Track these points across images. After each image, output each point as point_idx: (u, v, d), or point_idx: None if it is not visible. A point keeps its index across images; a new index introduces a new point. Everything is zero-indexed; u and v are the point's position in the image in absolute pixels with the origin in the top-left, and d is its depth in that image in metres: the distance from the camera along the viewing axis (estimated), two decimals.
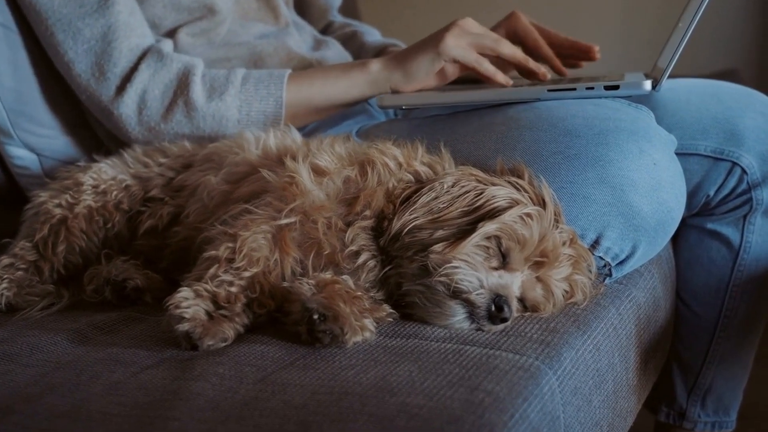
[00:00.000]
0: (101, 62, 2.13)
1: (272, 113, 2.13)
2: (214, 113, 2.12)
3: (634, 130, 1.82)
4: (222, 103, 2.11)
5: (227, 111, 2.12)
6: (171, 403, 1.36)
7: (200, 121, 2.13)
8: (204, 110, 2.11)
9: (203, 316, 1.53)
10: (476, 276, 1.58)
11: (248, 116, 2.13)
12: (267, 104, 2.13)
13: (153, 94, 2.13)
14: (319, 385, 1.37)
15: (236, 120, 2.13)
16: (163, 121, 2.13)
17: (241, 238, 1.60)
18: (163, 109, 2.13)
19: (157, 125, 2.14)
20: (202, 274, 1.59)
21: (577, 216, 1.76)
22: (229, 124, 2.12)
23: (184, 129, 2.14)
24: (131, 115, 2.14)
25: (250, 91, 2.13)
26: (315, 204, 1.65)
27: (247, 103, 2.13)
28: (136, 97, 2.12)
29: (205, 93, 2.12)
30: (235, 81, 2.13)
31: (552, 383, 1.48)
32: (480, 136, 1.92)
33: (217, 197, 1.84)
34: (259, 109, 2.13)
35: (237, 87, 2.13)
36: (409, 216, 1.63)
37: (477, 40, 2.06)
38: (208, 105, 2.11)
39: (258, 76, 2.15)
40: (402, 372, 1.40)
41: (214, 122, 2.13)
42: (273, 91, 2.13)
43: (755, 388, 2.60)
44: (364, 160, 1.72)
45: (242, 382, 1.40)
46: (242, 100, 2.12)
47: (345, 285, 1.58)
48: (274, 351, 1.51)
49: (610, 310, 1.79)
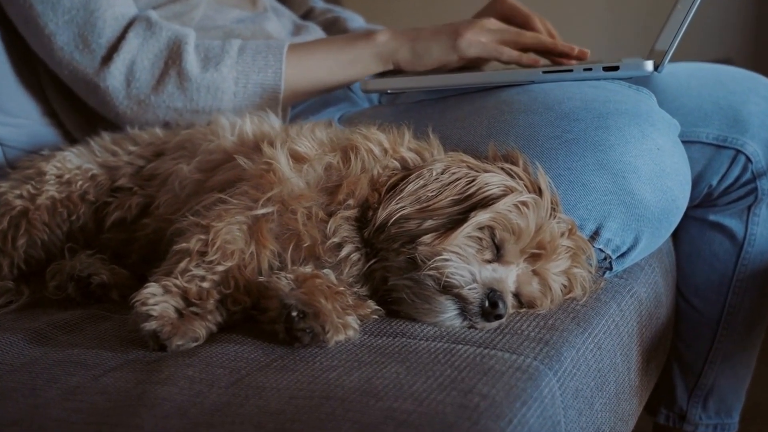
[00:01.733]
0: (84, 33, 2.04)
1: (270, 86, 2.05)
2: (209, 84, 2.03)
3: (636, 113, 1.75)
4: (218, 74, 2.03)
5: (223, 82, 2.03)
6: (134, 409, 1.29)
7: (194, 93, 2.04)
8: (198, 81, 2.02)
9: (172, 314, 1.46)
10: (468, 269, 1.52)
11: (245, 89, 2.04)
12: (265, 76, 2.04)
13: (142, 64, 2.04)
14: (297, 389, 1.30)
15: (232, 92, 2.04)
16: (153, 92, 2.04)
17: (214, 230, 1.55)
18: (153, 80, 2.04)
19: (147, 98, 2.05)
20: (171, 269, 1.54)
21: (575, 205, 1.70)
22: (224, 97, 2.04)
23: (177, 102, 2.05)
24: (119, 87, 2.05)
25: (248, 62, 2.04)
26: (294, 193, 1.59)
27: (245, 75, 2.04)
28: (123, 68, 2.03)
29: (199, 63, 2.03)
30: (231, 51, 2.04)
31: (552, 385, 1.41)
32: (471, 121, 1.85)
33: (189, 187, 1.79)
34: (256, 81, 2.04)
35: (233, 57, 2.04)
36: (396, 205, 1.57)
37: (497, 36, 2.00)
38: (202, 75, 2.02)
39: (255, 46, 2.07)
40: (388, 374, 1.33)
41: (208, 94, 2.04)
42: (272, 62, 2.04)
43: (758, 388, 2.55)
44: (347, 146, 1.66)
45: (213, 386, 1.33)
46: (239, 71, 2.04)
47: (326, 280, 1.53)
48: (249, 352, 1.45)
49: (611, 306, 1.73)
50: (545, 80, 1.89)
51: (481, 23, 2.01)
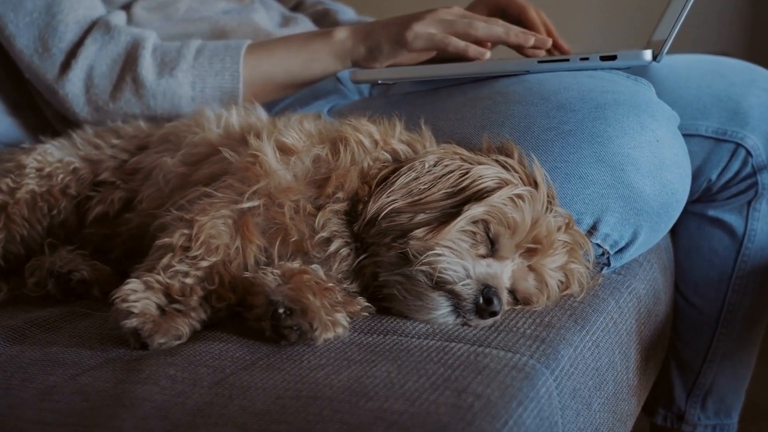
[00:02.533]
0: (45, 36, 2.00)
1: (229, 89, 2.01)
2: (164, 91, 2.00)
3: (634, 103, 1.71)
4: (173, 80, 1.99)
5: (179, 88, 2.00)
6: (112, 410, 1.24)
7: (150, 100, 2.00)
8: (154, 88, 1.99)
9: (154, 311, 1.43)
10: (462, 264, 1.48)
11: (203, 93, 2.01)
12: (222, 79, 2.00)
13: (100, 70, 2.01)
14: (284, 389, 1.27)
15: (190, 97, 2.01)
16: (111, 100, 2.01)
17: (198, 224, 1.52)
18: (110, 86, 2.01)
19: (106, 105, 2.02)
20: (153, 264, 1.50)
21: (572, 198, 1.66)
22: (182, 102, 2.01)
23: (134, 108, 2.02)
24: (78, 94, 2.02)
25: (204, 66, 2.00)
26: (281, 186, 1.56)
27: (201, 79, 2.00)
28: (82, 74, 2.00)
29: (155, 69, 1.99)
30: (187, 54, 2.00)
31: (549, 384, 1.37)
32: (464, 112, 1.81)
33: (173, 180, 1.75)
34: (214, 85, 2.01)
35: (189, 61, 2.00)
36: (387, 198, 1.54)
37: (448, 27, 1.94)
38: (158, 82, 1.99)
39: (213, 48, 2.03)
40: (379, 373, 1.30)
41: (165, 101, 2.01)
42: (228, 65, 2.00)
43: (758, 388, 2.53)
44: (336, 138, 1.64)
45: (196, 386, 1.30)
46: (195, 75, 2.00)
47: (315, 275, 1.49)
48: (234, 350, 1.41)
49: (610, 303, 1.69)
50: (540, 70, 1.85)
51: (435, 13, 1.95)
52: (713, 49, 2.93)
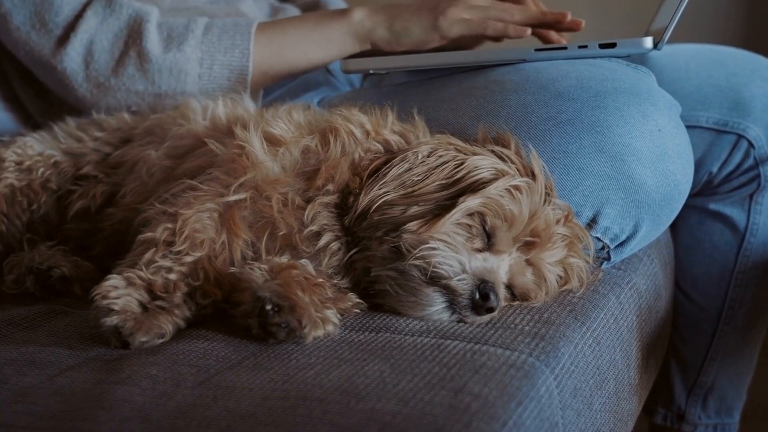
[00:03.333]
0: (41, 11, 1.95)
1: (238, 67, 1.96)
2: (171, 66, 1.94)
3: (635, 92, 1.67)
4: (181, 55, 1.94)
5: (186, 64, 1.94)
6: (90, 411, 1.20)
7: (155, 75, 1.95)
8: (160, 62, 1.94)
9: (136, 308, 1.40)
10: (457, 259, 1.46)
11: (210, 70, 1.96)
12: (232, 57, 1.95)
13: (101, 44, 1.95)
14: (271, 389, 1.24)
15: (197, 74, 1.96)
16: (113, 75, 1.95)
17: (182, 218, 1.49)
18: (113, 61, 1.95)
19: (107, 80, 1.96)
20: (136, 260, 1.48)
21: (571, 190, 1.64)
22: (188, 79, 1.95)
23: (138, 85, 1.96)
24: (77, 69, 1.96)
25: (213, 42, 1.95)
26: (269, 178, 1.54)
27: (210, 55, 1.95)
28: (81, 49, 1.95)
29: (161, 42, 1.94)
30: (196, 30, 1.96)
31: (549, 383, 1.34)
32: (459, 102, 1.78)
33: (157, 174, 1.73)
34: (223, 63, 1.96)
35: (198, 37, 1.95)
36: (379, 190, 1.52)
37: (484, 14, 1.90)
38: (164, 56, 1.94)
39: (223, 25, 1.98)
40: (371, 372, 1.27)
41: (171, 77, 1.95)
42: (239, 42, 1.95)
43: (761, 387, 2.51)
44: (326, 128, 1.61)
45: (179, 386, 1.26)
46: (204, 51, 1.95)
47: (304, 270, 1.46)
48: (219, 348, 1.39)
49: (610, 299, 1.66)
50: (537, 59, 1.81)
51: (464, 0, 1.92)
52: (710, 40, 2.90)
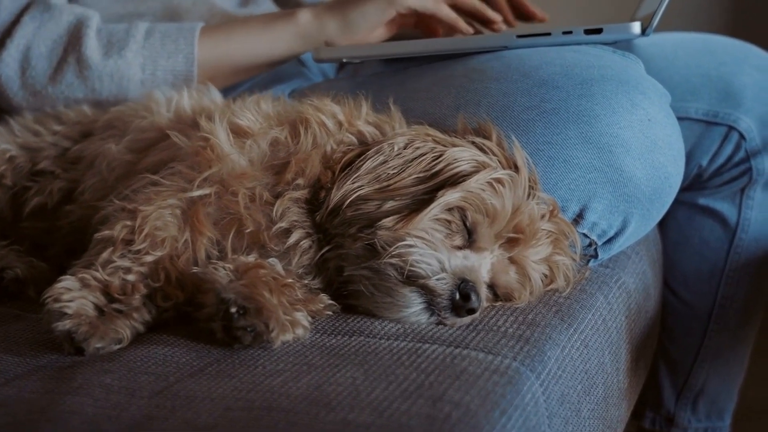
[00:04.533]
0: None
1: (182, 72, 1.93)
2: (112, 72, 1.92)
3: (623, 79, 1.62)
4: (122, 60, 1.91)
5: (128, 69, 1.92)
6: (35, 425, 1.16)
7: (95, 82, 1.92)
8: (100, 69, 1.91)
9: (91, 312, 1.35)
10: (436, 257, 1.42)
11: (153, 76, 1.93)
12: (176, 62, 1.93)
13: (38, 50, 1.92)
14: (234, 399, 1.19)
15: (139, 80, 1.93)
16: (51, 83, 1.93)
17: (142, 215, 1.45)
18: (50, 69, 1.92)
19: (44, 88, 1.94)
20: (92, 260, 1.43)
21: (556, 184, 1.59)
22: (130, 86, 1.93)
23: (77, 92, 1.93)
24: (12, 76, 1.93)
25: (156, 47, 1.93)
26: (235, 171, 1.50)
27: (152, 61, 1.92)
28: (18, 55, 1.92)
29: (101, 49, 1.92)
30: (137, 35, 1.93)
31: (535, 390, 1.29)
32: (436, 91, 1.73)
33: (118, 169, 1.68)
34: (166, 68, 1.93)
35: (139, 42, 1.92)
36: (352, 184, 1.48)
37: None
38: (104, 62, 1.91)
39: (165, 29, 1.96)
40: (343, 379, 1.23)
41: (112, 83, 1.93)
42: (182, 47, 1.93)
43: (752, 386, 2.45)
44: (297, 119, 1.57)
45: (134, 396, 1.21)
46: (146, 56, 1.92)
47: (272, 270, 1.43)
48: (180, 355, 1.34)
49: (598, 299, 1.61)
50: (519, 45, 1.76)
51: None
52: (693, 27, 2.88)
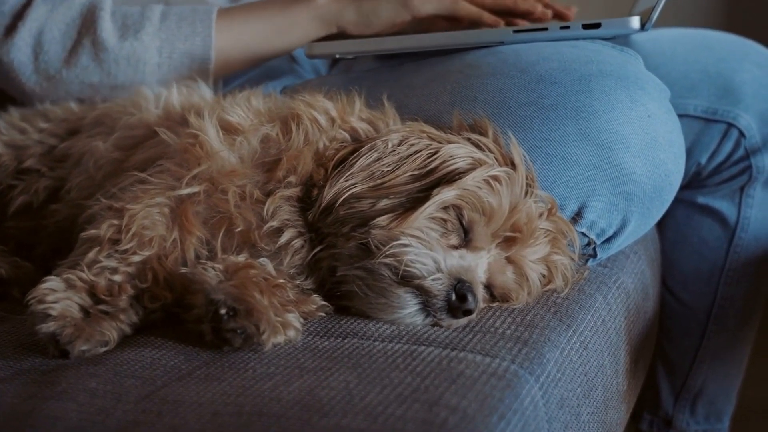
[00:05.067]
0: None
1: (200, 56, 1.89)
2: (128, 55, 1.87)
3: (622, 75, 1.60)
4: (138, 43, 1.87)
5: (145, 53, 1.87)
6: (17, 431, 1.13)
7: (112, 66, 1.87)
8: (116, 51, 1.87)
9: (76, 313, 1.33)
10: (431, 256, 1.40)
11: (170, 59, 1.89)
12: (193, 44, 1.89)
13: (51, 34, 1.87)
14: (223, 403, 1.16)
15: (156, 64, 1.89)
16: (65, 66, 1.88)
17: (129, 213, 1.43)
18: (64, 52, 1.88)
19: (58, 72, 1.88)
20: (77, 260, 1.41)
21: (554, 181, 1.57)
22: (147, 69, 1.88)
23: (93, 76, 1.88)
24: (25, 61, 1.88)
25: (172, 29, 1.89)
26: (225, 169, 1.47)
27: (169, 43, 1.88)
28: (30, 39, 1.87)
29: (116, 31, 1.87)
30: (152, 17, 1.89)
31: (534, 393, 1.26)
32: (432, 88, 1.71)
33: (105, 167, 1.65)
34: (183, 51, 1.89)
35: (155, 24, 1.88)
36: (345, 182, 1.46)
37: None
38: (121, 45, 1.86)
39: (180, 11, 1.92)
40: (336, 383, 1.21)
41: (129, 67, 1.88)
42: (200, 29, 1.89)
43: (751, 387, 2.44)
44: (288, 115, 1.55)
45: (120, 401, 1.19)
46: (162, 39, 1.88)
47: (262, 270, 1.41)
48: (168, 358, 1.31)
49: (597, 299, 1.59)
50: (516, 41, 1.73)
51: None
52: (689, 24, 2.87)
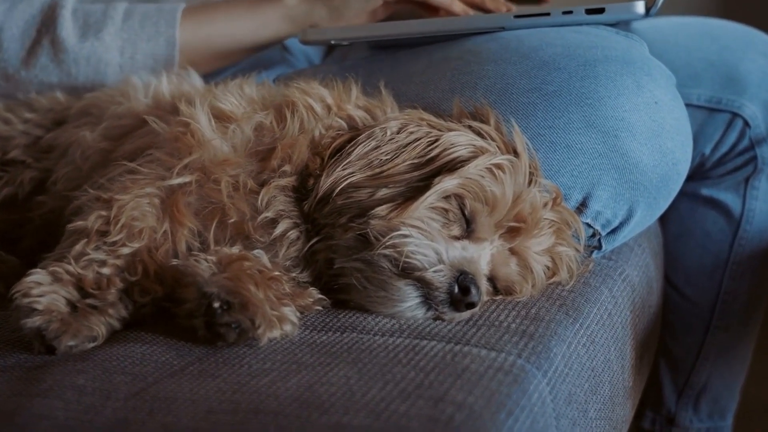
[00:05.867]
0: None
1: (163, 57, 1.86)
2: (89, 56, 1.84)
3: (628, 60, 1.56)
4: (99, 43, 1.84)
5: (106, 53, 1.84)
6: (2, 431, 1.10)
7: (71, 66, 1.84)
8: (76, 52, 1.83)
9: (63, 308, 1.30)
10: (432, 247, 1.36)
11: (132, 60, 1.86)
12: (156, 45, 1.86)
13: (10, 32, 1.84)
14: (218, 401, 1.13)
15: (118, 65, 1.86)
16: (24, 66, 1.85)
17: (118, 204, 1.40)
18: (23, 51, 1.85)
19: (17, 72, 1.86)
20: (64, 253, 1.38)
21: (558, 170, 1.53)
22: (108, 70, 1.85)
23: (52, 77, 1.86)
24: None
25: (135, 29, 1.86)
26: (217, 158, 1.44)
27: (132, 44, 1.85)
28: None
29: (77, 31, 1.84)
30: (115, 16, 1.86)
31: (542, 389, 1.22)
32: (430, 75, 1.66)
33: (93, 157, 1.62)
34: (146, 52, 1.86)
35: (118, 24, 1.85)
36: (342, 171, 1.43)
37: None
38: (81, 45, 1.83)
39: (144, 10, 1.89)
40: (336, 379, 1.17)
41: (89, 67, 1.85)
42: (163, 29, 1.86)
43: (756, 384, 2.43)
44: (282, 103, 1.51)
45: (109, 399, 1.15)
46: (125, 39, 1.85)
47: (257, 262, 1.37)
48: (159, 353, 1.28)
49: (603, 292, 1.54)
50: (517, 26, 1.69)
51: None
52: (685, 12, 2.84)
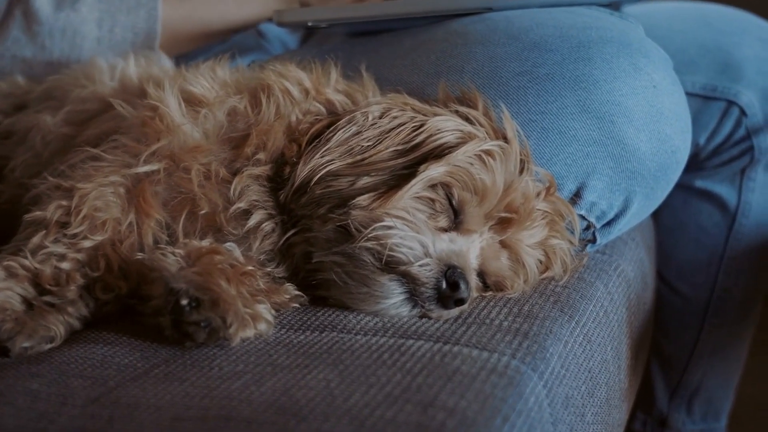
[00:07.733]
0: None
1: (144, 30, 1.80)
2: (64, 27, 1.79)
3: (624, 42, 1.50)
4: (75, 14, 1.78)
5: (82, 25, 1.79)
6: None
7: (46, 39, 1.79)
8: (51, 23, 1.78)
9: (17, 306, 1.25)
10: (418, 239, 1.31)
11: (111, 33, 1.81)
12: (137, 17, 1.80)
13: None
14: (185, 407, 1.07)
15: (95, 38, 1.80)
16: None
17: (79, 193, 1.34)
18: None
19: None
20: (20, 246, 1.33)
21: (551, 158, 1.48)
22: (85, 44, 1.80)
23: (24, 50, 1.81)
24: None
25: (114, 1, 1.80)
26: (187, 145, 1.39)
27: (110, 15, 1.80)
28: None
29: (52, 1, 1.78)
30: None
31: (538, 392, 1.16)
32: (414, 57, 1.61)
33: (54, 143, 1.57)
34: (125, 25, 1.80)
35: None
36: (321, 158, 1.37)
37: None
38: (56, 16, 1.78)
39: None
40: (315, 382, 1.12)
41: (64, 40, 1.79)
42: (144, 1, 1.80)
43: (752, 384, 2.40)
44: (257, 87, 1.46)
45: (65, 405, 1.09)
46: (102, 11, 1.79)
47: (229, 256, 1.33)
48: (122, 355, 1.22)
49: (598, 288, 1.49)
50: (506, 6, 1.64)
51: None
52: None
